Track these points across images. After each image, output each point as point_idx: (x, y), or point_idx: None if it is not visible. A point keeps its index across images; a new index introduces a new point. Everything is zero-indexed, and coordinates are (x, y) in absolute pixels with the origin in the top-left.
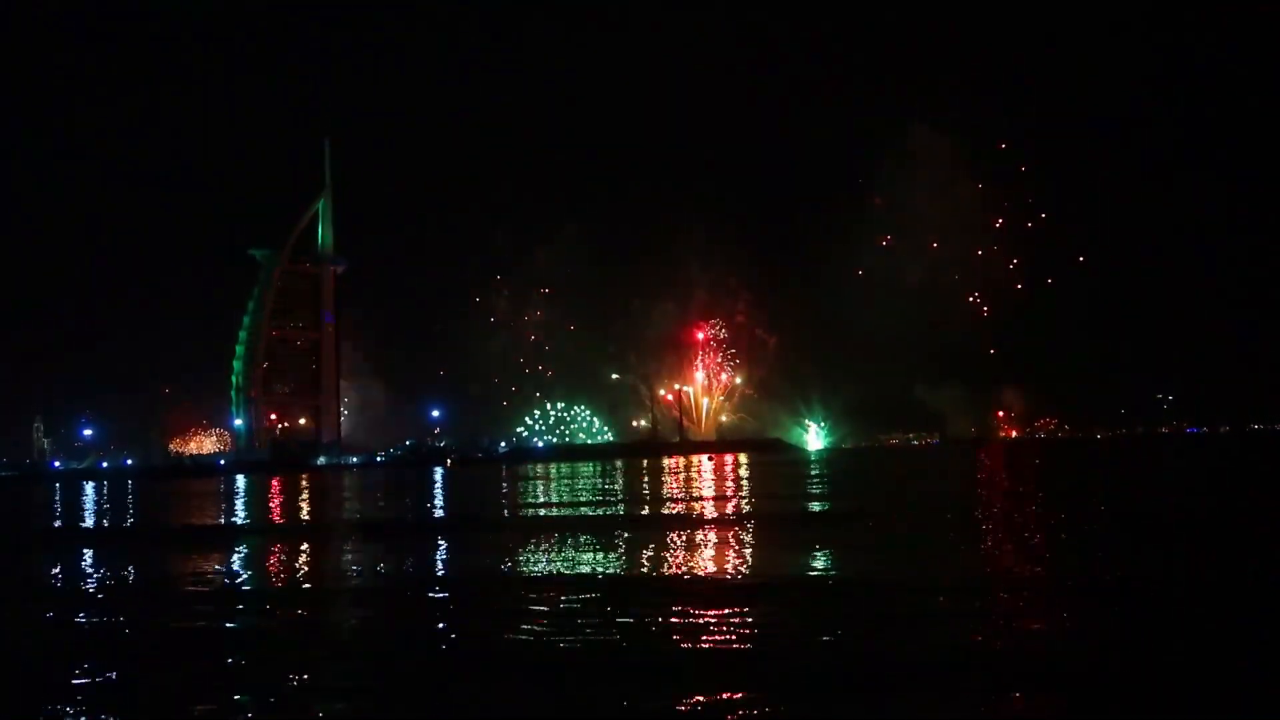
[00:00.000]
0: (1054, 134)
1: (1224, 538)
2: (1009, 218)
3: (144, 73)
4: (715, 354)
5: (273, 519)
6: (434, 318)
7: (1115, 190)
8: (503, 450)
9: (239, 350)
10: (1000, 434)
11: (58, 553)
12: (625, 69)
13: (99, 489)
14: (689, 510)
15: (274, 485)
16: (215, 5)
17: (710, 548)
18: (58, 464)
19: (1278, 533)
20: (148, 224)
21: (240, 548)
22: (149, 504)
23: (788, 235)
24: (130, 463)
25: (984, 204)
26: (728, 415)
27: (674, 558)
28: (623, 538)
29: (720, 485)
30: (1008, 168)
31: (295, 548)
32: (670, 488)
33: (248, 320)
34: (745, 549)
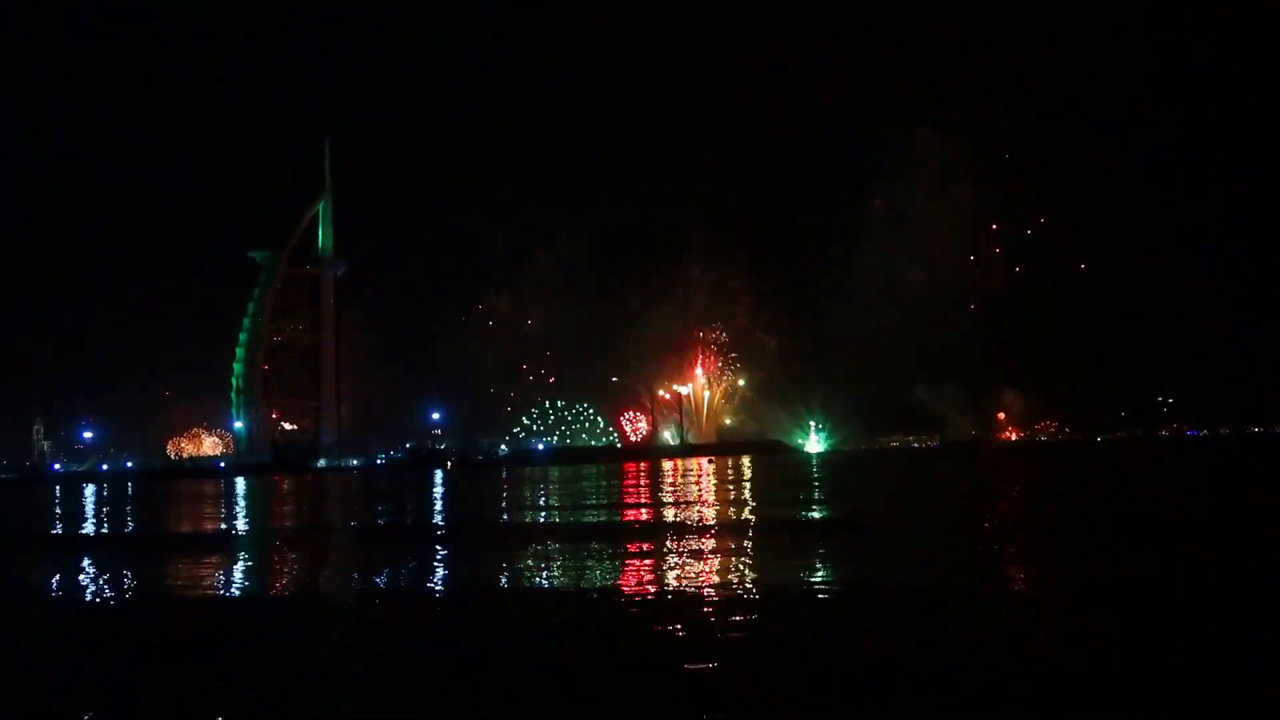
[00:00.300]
0: (1054, 134)
1: (1224, 538)
2: (1009, 219)
3: (144, 73)
4: (715, 356)
5: (273, 523)
6: (434, 319)
7: (1115, 191)
8: (503, 452)
9: (239, 352)
10: (1000, 436)
11: (57, 555)
12: (625, 69)
13: (99, 492)
14: (687, 517)
15: (275, 487)
16: (215, 5)
17: (707, 557)
18: (58, 466)
19: (1278, 533)
20: (148, 225)
21: (241, 552)
22: (148, 507)
23: (788, 236)
24: (130, 465)
25: (984, 205)
26: (728, 418)
27: (670, 568)
28: (621, 547)
29: (720, 490)
30: (1008, 169)
31: (296, 551)
32: (669, 493)
33: (248, 322)
34: (741, 558)
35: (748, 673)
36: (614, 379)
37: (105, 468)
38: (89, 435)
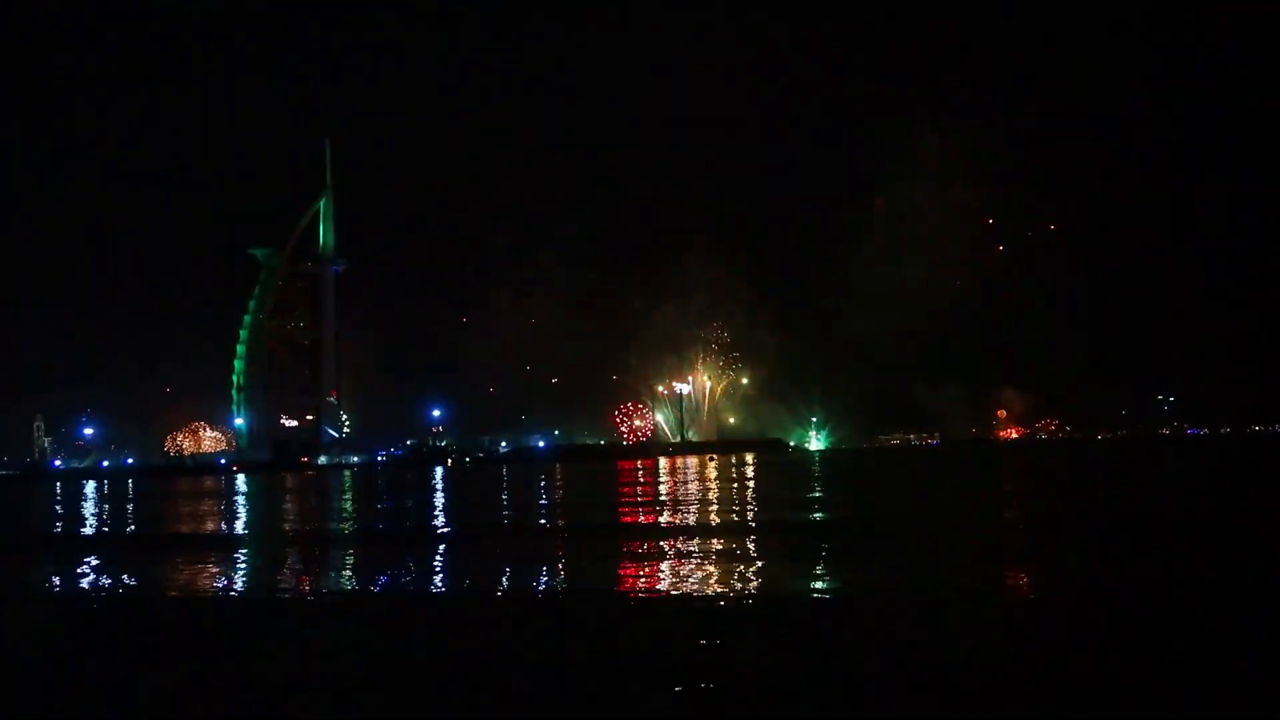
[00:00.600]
0: (1054, 134)
1: (1224, 538)
2: (1009, 219)
3: (144, 72)
4: (716, 355)
5: (275, 522)
6: (434, 317)
7: (1115, 190)
8: (504, 450)
9: (240, 349)
10: (1001, 435)
11: (57, 555)
12: (625, 69)
13: (99, 489)
14: (686, 519)
15: (275, 485)
16: (215, 5)
17: (709, 557)
18: (58, 463)
19: (1278, 533)
20: (149, 224)
21: (242, 552)
22: (148, 505)
23: (788, 236)
24: (131, 462)
25: (984, 205)
26: (728, 416)
27: (671, 568)
28: (621, 547)
29: (722, 489)
30: (1008, 169)
31: (297, 551)
32: (670, 492)
33: (248, 319)
34: (742, 559)
35: (749, 673)
36: (614, 377)
37: (106, 464)
38: (90, 432)
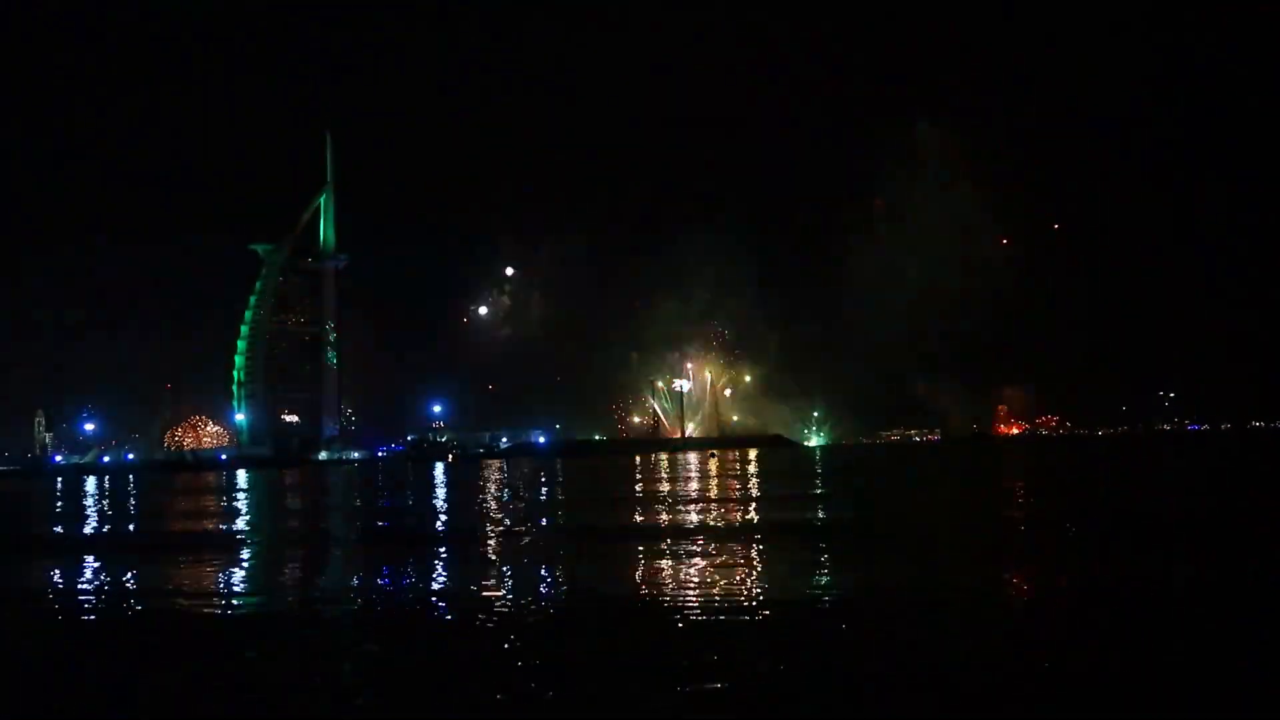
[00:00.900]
0: (1054, 134)
1: (1224, 538)
2: (1009, 217)
3: (144, 71)
4: (718, 352)
5: (278, 521)
6: (435, 313)
7: (1115, 188)
8: (505, 445)
9: (241, 345)
10: (1002, 430)
11: (56, 554)
12: (625, 69)
13: (100, 486)
14: (689, 517)
15: (277, 481)
16: (215, 5)
17: (710, 556)
18: (59, 458)
19: (1278, 533)
20: (149, 219)
21: (244, 552)
22: (149, 503)
23: (788, 235)
24: (131, 457)
25: (984, 203)
26: (729, 412)
27: (673, 568)
28: (621, 547)
29: (724, 485)
30: (1008, 168)
31: (298, 550)
32: (674, 488)
33: (249, 315)
34: (744, 560)
35: (751, 674)
36: (616, 373)
37: (107, 460)
38: (90, 427)
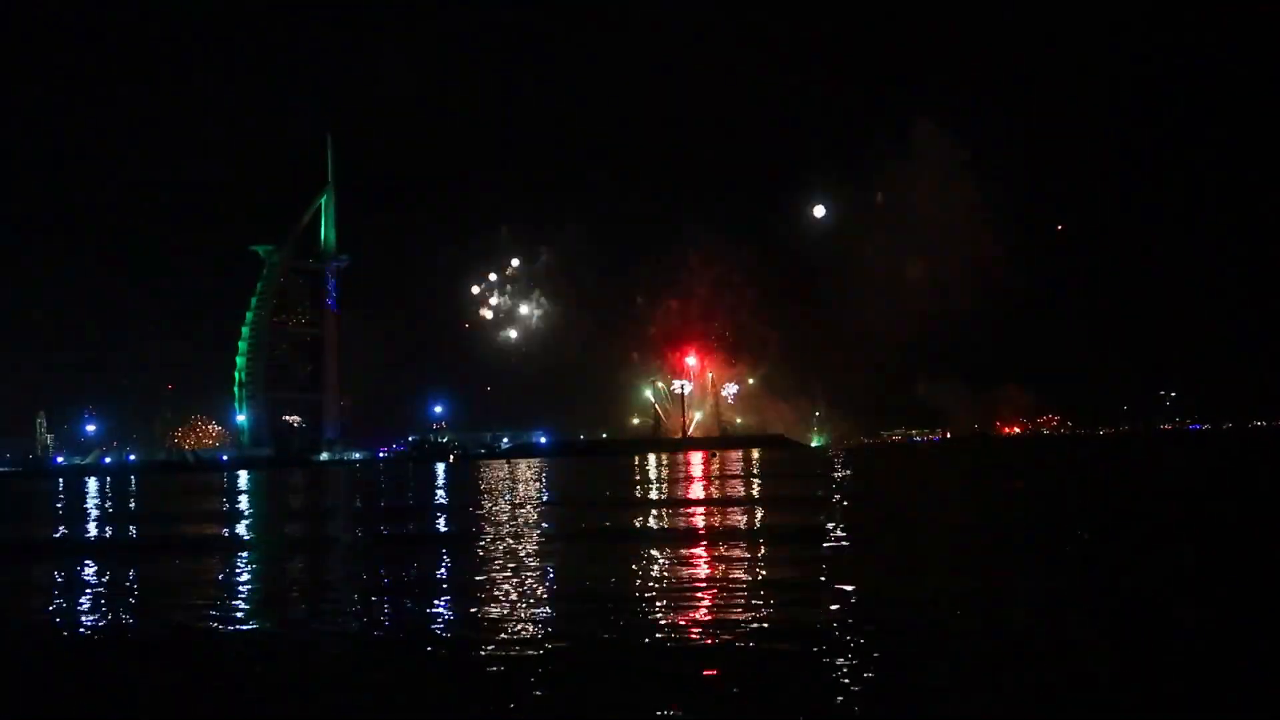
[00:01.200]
0: (1054, 134)
1: (1224, 538)
2: (1010, 217)
3: (145, 72)
4: (718, 351)
5: (279, 522)
6: (437, 313)
7: (1116, 188)
8: (506, 445)
9: (242, 346)
10: (1003, 430)
11: (56, 555)
12: (625, 69)
13: (100, 486)
14: (689, 519)
15: (278, 482)
16: (215, 5)
17: (712, 557)
18: (60, 459)
19: (1278, 533)
20: (150, 220)
21: (245, 553)
22: (149, 504)
23: (788, 234)
24: (133, 458)
25: (985, 203)
26: (730, 412)
27: (672, 568)
28: (621, 547)
29: (724, 487)
30: (1008, 167)
31: (300, 550)
32: (676, 488)
33: (250, 316)
34: (745, 560)
35: (751, 675)
36: (617, 373)
37: (108, 461)
38: (92, 428)
